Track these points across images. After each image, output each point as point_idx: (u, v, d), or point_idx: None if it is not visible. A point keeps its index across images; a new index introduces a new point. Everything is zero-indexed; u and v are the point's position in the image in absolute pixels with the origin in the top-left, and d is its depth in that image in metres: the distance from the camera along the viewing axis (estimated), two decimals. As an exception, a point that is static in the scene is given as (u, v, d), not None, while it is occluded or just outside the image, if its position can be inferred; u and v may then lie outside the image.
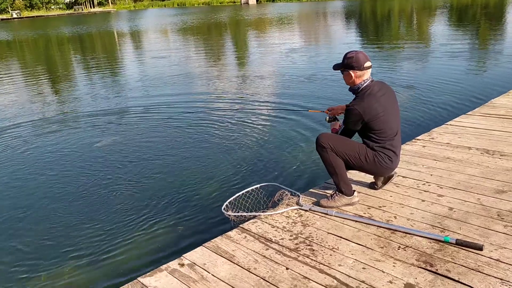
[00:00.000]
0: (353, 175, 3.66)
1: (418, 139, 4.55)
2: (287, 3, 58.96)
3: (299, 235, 2.95)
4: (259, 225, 3.11)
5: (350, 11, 37.82)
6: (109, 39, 26.99)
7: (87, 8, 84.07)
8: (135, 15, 56.99)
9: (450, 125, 4.94)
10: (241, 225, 3.14)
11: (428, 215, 3.06)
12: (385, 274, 2.48)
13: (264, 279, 2.52)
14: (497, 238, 2.72)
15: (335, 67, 3.25)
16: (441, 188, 3.43)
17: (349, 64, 3.09)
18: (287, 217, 3.20)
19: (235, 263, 2.70)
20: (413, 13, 30.24)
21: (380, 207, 3.23)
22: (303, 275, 2.53)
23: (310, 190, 3.62)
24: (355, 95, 3.18)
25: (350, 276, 2.49)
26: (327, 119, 3.57)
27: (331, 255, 2.70)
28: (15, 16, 71.33)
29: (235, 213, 3.27)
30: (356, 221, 3.05)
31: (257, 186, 3.60)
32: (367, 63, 3.09)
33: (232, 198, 3.44)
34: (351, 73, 3.10)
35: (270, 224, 3.12)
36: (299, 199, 3.38)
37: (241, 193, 3.52)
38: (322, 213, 3.19)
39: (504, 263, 2.48)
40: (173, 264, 2.74)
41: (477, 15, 24.51)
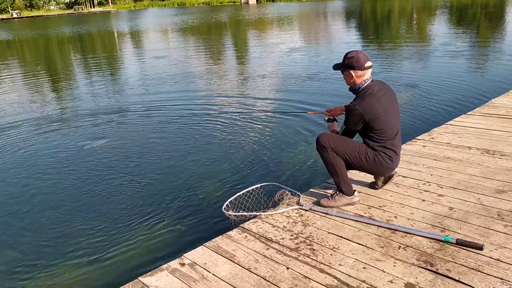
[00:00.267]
0: (354, 175, 3.66)
1: (418, 139, 4.55)
2: (287, 3, 58.96)
3: (300, 235, 2.95)
4: (259, 225, 3.12)
5: (350, 11, 37.82)
6: (109, 39, 26.98)
7: (87, 8, 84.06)
8: (135, 15, 56.99)
9: (450, 125, 4.94)
10: (242, 225, 3.14)
11: (428, 215, 3.06)
12: (385, 273, 2.49)
13: (264, 279, 2.53)
14: (497, 237, 2.73)
15: (335, 67, 3.25)
16: (442, 188, 3.44)
17: (350, 64, 3.09)
18: (287, 216, 3.21)
19: (235, 263, 2.70)
20: (413, 13, 30.24)
21: (380, 206, 3.23)
22: (303, 275, 2.54)
23: (310, 189, 3.63)
24: (355, 95, 3.19)
25: (350, 275, 2.49)
26: (326, 120, 3.58)
27: (331, 254, 2.71)
28: (15, 16, 71.31)
29: (235, 212, 3.27)
30: (356, 221, 3.05)
31: (257, 185, 3.60)
32: (368, 63, 3.09)
33: (232, 197, 3.44)
34: (352, 73, 3.10)
35: (270, 223, 3.13)
36: (300, 199, 3.38)
37: (241, 192, 3.53)
38: (322, 212, 3.19)
39: (504, 262, 2.49)
40: (174, 263, 2.74)
41: (477, 15, 24.51)
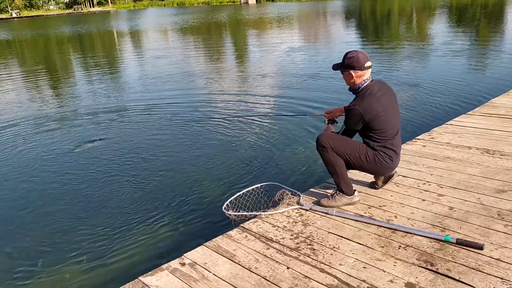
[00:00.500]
0: (354, 175, 3.66)
1: (418, 139, 4.56)
2: (287, 3, 58.96)
3: (300, 235, 2.95)
4: (259, 225, 3.12)
5: (349, 10, 37.82)
6: (108, 39, 26.97)
7: (86, 7, 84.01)
8: (134, 15, 56.97)
9: (450, 124, 4.95)
10: (242, 225, 3.14)
11: (428, 215, 3.06)
12: (385, 273, 2.49)
13: (265, 279, 2.53)
14: (497, 237, 2.73)
15: (335, 67, 3.25)
16: (442, 187, 3.44)
17: (350, 64, 3.09)
18: (287, 216, 3.21)
19: (236, 263, 2.70)
20: (413, 13, 30.25)
21: (380, 206, 3.23)
22: (304, 275, 2.54)
23: (310, 189, 3.63)
24: (355, 95, 3.19)
25: (351, 275, 2.49)
26: (326, 122, 3.57)
27: (331, 254, 2.71)
28: (14, 15, 71.26)
29: (235, 212, 3.27)
30: (356, 221, 3.05)
31: (257, 185, 3.60)
32: (368, 63, 3.09)
33: (232, 197, 3.44)
34: (352, 73, 3.10)
35: (270, 223, 3.13)
36: (300, 199, 3.38)
37: (241, 192, 3.53)
38: (322, 212, 3.20)
39: (504, 262, 2.49)
40: (174, 263, 2.74)
41: (477, 15, 24.52)
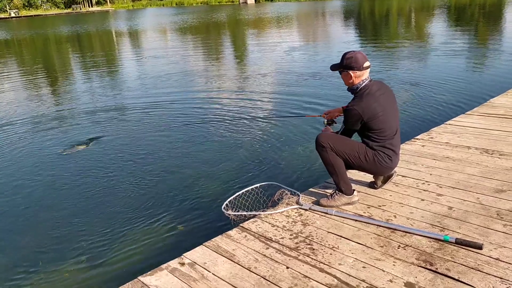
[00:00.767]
0: (353, 175, 3.66)
1: (417, 139, 4.56)
2: (285, 3, 58.90)
3: (299, 234, 2.95)
4: (259, 224, 3.12)
5: (348, 10, 37.83)
6: (107, 39, 26.93)
7: (85, 7, 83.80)
8: (133, 15, 56.88)
9: (449, 124, 4.95)
10: (241, 224, 3.14)
11: (427, 214, 3.07)
12: (385, 273, 2.49)
13: (264, 278, 2.53)
14: (496, 237, 2.74)
15: (333, 68, 3.24)
16: (441, 187, 3.44)
17: (349, 64, 3.09)
18: (287, 216, 3.21)
19: (235, 262, 2.70)
20: (412, 13, 30.26)
21: (380, 206, 3.23)
22: (303, 274, 2.54)
23: (310, 189, 3.63)
24: (353, 95, 3.19)
25: (350, 275, 2.50)
26: (325, 123, 3.57)
27: (331, 254, 2.71)
28: (13, 15, 71.07)
29: (235, 212, 3.27)
30: (356, 220, 3.06)
31: (257, 185, 3.60)
32: (366, 63, 3.09)
33: (232, 197, 3.44)
34: (350, 73, 3.10)
35: (270, 223, 3.13)
36: (299, 198, 3.38)
37: (241, 192, 3.53)
38: (322, 212, 3.20)
39: (503, 262, 2.50)
40: (174, 263, 2.74)
41: (475, 15, 24.54)
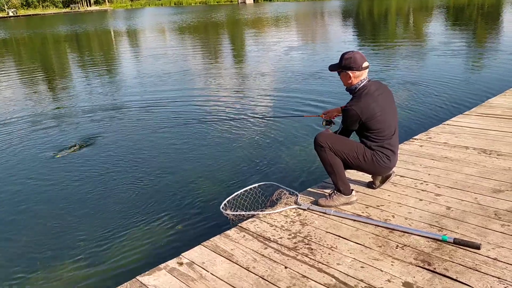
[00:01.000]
0: (351, 175, 3.67)
1: (415, 139, 4.57)
2: (284, 3, 58.88)
3: (298, 234, 2.96)
4: (257, 224, 3.12)
5: (347, 10, 37.86)
6: (106, 38, 26.90)
7: (83, 6, 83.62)
8: (132, 14, 56.81)
9: (447, 124, 4.96)
10: (240, 224, 3.14)
11: (426, 214, 3.07)
12: (383, 273, 2.49)
13: (263, 278, 2.53)
14: (494, 237, 2.74)
15: (332, 68, 3.24)
16: (439, 187, 3.45)
17: (348, 65, 3.09)
18: (285, 216, 3.21)
19: (233, 262, 2.70)
20: (410, 13, 30.30)
21: (378, 206, 3.24)
22: (301, 274, 2.54)
23: (308, 189, 3.63)
24: (352, 95, 3.19)
25: (348, 275, 2.50)
26: (324, 123, 3.57)
27: (329, 254, 2.71)
28: (11, 14, 70.86)
29: (233, 212, 3.27)
30: (354, 220, 3.06)
31: (255, 185, 3.60)
32: (365, 63, 3.10)
33: (230, 197, 3.44)
34: (349, 73, 3.10)
35: (268, 223, 3.13)
36: (298, 198, 3.39)
37: (239, 192, 3.53)
38: (320, 212, 3.20)
39: (501, 262, 2.50)
40: (172, 263, 2.74)
41: (473, 15, 24.59)
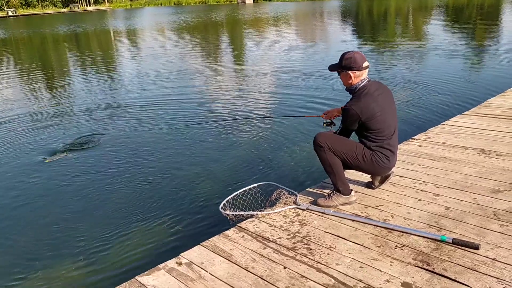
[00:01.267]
0: (350, 175, 3.67)
1: (414, 139, 4.57)
2: (284, 3, 58.90)
3: (297, 234, 2.96)
4: (256, 224, 3.12)
5: (346, 10, 37.87)
6: (105, 38, 26.89)
7: (83, 6, 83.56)
8: (131, 14, 56.80)
9: (446, 125, 4.96)
10: (239, 224, 3.14)
11: (424, 214, 3.07)
12: (382, 273, 2.50)
13: (261, 278, 2.53)
14: (493, 237, 2.74)
15: (332, 68, 3.24)
16: (438, 187, 3.45)
17: (348, 65, 3.10)
18: (284, 216, 3.21)
19: (232, 262, 2.70)
20: (409, 13, 30.31)
21: (377, 206, 3.24)
22: (300, 274, 2.54)
23: (307, 189, 3.63)
24: (352, 95, 3.19)
25: (347, 275, 2.50)
26: (325, 124, 3.56)
27: (328, 254, 2.71)
28: (10, 14, 70.79)
29: (232, 212, 3.27)
30: (353, 220, 3.06)
31: (254, 185, 3.60)
32: (365, 63, 3.10)
33: (229, 197, 3.44)
34: (350, 73, 3.10)
35: (267, 223, 3.13)
36: (297, 198, 3.39)
37: (238, 192, 3.52)
38: (319, 212, 3.20)
39: (500, 262, 2.50)
40: (171, 263, 2.74)
41: (473, 15, 24.60)
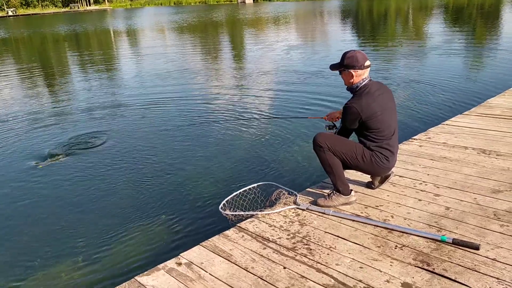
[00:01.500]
0: (350, 175, 3.66)
1: (414, 139, 4.56)
2: (284, 2, 58.90)
3: (297, 234, 2.95)
4: (256, 224, 3.11)
5: (347, 10, 37.87)
6: (105, 38, 26.89)
7: (83, 6, 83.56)
8: (131, 14, 56.82)
9: (446, 124, 4.96)
10: (239, 224, 3.14)
11: (424, 215, 3.07)
12: (382, 273, 2.49)
13: (261, 278, 2.52)
14: (493, 237, 2.74)
15: (333, 67, 3.24)
16: (438, 187, 3.44)
17: (350, 64, 3.09)
18: (284, 216, 3.20)
19: (232, 262, 2.70)
20: (409, 13, 30.31)
21: (377, 206, 3.23)
22: (300, 274, 2.54)
23: (307, 189, 3.63)
24: (352, 94, 3.19)
25: (347, 275, 2.49)
26: (327, 128, 3.54)
27: (328, 254, 2.71)
28: (10, 14, 70.78)
29: (232, 212, 3.26)
30: (353, 221, 3.05)
31: (254, 185, 3.60)
32: (367, 62, 3.10)
33: (229, 197, 3.43)
34: (352, 72, 3.10)
35: (267, 223, 3.12)
36: (297, 198, 3.38)
37: (238, 192, 3.52)
38: (319, 212, 3.20)
39: (500, 262, 2.50)
40: (170, 263, 2.74)
41: (473, 15, 24.59)
